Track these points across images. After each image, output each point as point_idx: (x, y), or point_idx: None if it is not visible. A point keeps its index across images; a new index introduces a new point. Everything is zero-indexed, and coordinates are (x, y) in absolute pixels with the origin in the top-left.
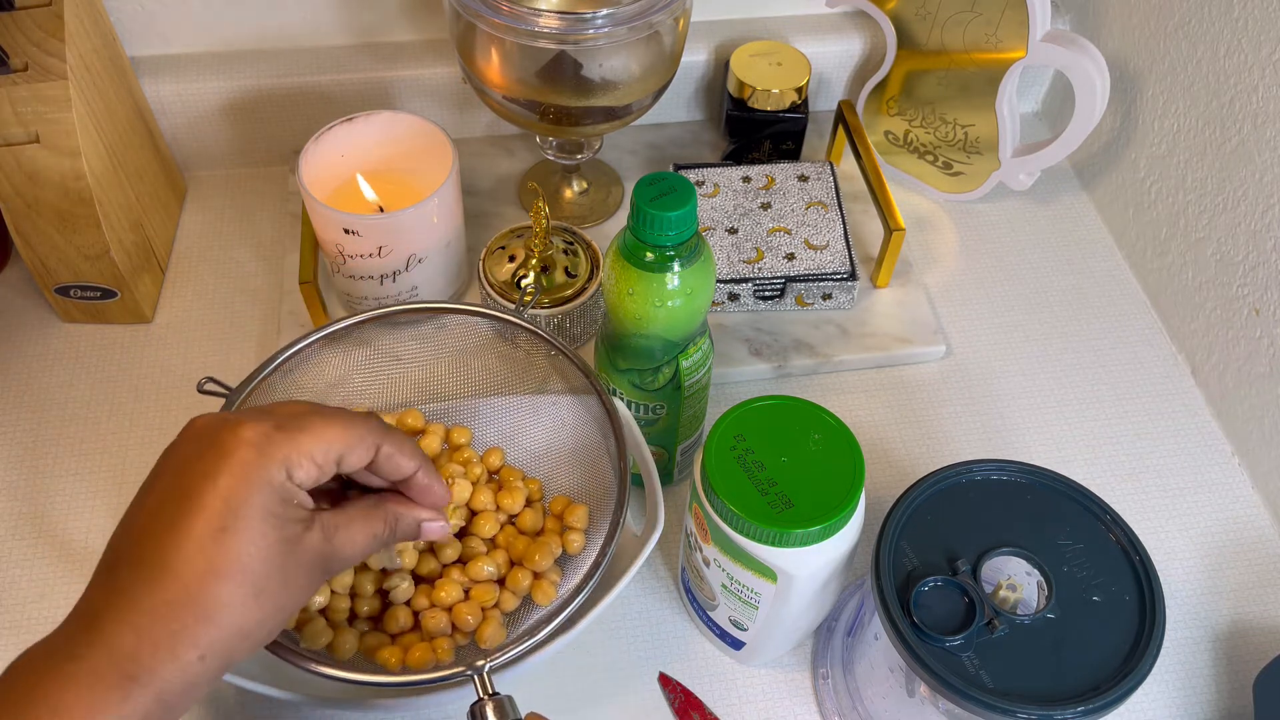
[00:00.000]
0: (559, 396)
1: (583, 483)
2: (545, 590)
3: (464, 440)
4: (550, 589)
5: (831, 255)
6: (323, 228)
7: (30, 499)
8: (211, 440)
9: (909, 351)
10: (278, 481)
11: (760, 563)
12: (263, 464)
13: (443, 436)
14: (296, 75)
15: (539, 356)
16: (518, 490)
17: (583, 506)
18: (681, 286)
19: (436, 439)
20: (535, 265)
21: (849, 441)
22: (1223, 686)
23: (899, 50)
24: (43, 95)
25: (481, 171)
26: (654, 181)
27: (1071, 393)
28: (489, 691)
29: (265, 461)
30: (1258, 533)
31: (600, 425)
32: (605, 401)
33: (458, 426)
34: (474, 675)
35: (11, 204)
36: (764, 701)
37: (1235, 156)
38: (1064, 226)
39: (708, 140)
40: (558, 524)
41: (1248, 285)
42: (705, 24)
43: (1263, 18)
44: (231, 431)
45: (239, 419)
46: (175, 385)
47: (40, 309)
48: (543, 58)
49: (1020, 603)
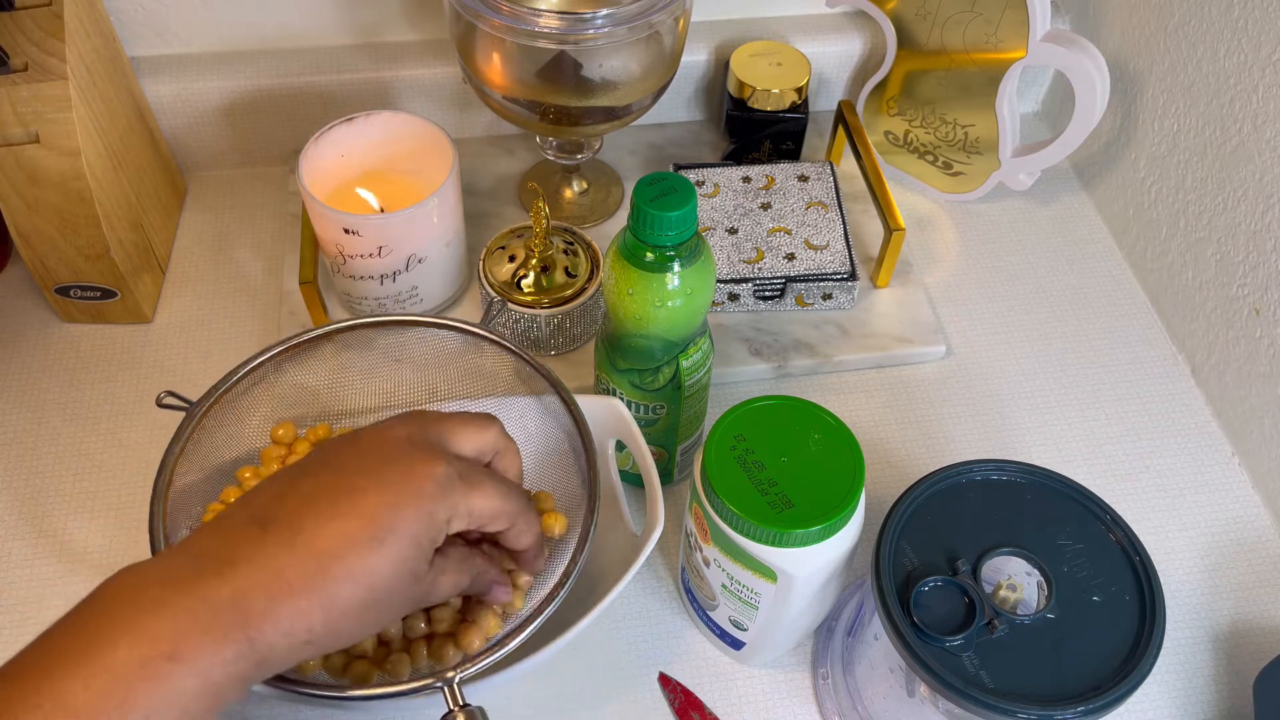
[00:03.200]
0: (527, 404)
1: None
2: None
3: None
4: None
5: (831, 255)
6: (323, 228)
7: (30, 499)
8: (409, 456)
9: (909, 351)
10: (439, 522)
11: (760, 563)
12: (436, 505)
13: None
14: (296, 75)
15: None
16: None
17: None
18: (681, 286)
19: None
20: (535, 265)
21: (849, 441)
22: (1223, 686)
23: (899, 50)
24: (43, 95)
25: (481, 171)
26: (654, 181)
27: (1071, 393)
28: (459, 703)
29: (439, 504)
30: (1258, 533)
31: (569, 435)
32: (574, 412)
33: None
34: (443, 687)
35: (11, 204)
36: (764, 701)
37: (1235, 156)
38: (1064, 226)
39: (708, 140)
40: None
41: (1248, 285)
42: (705, 24)
43: (1263, 18)
44: (428, 461)
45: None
46: (175, 385)
47: (40, 309)
48: (543, 58)
49: (1020, 603)
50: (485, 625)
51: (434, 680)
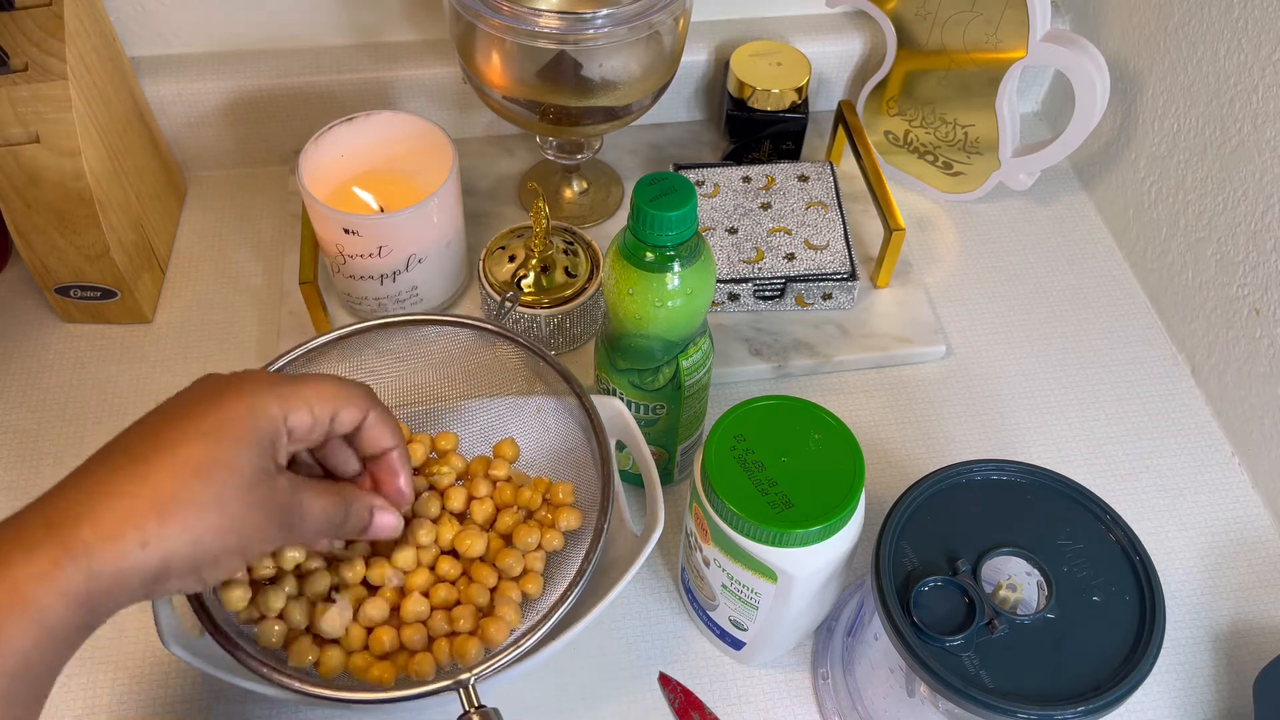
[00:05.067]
0: (543, 402)
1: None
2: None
3: (449, 446)
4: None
5: (831, 255)
6: (323, 228)
7: (30, 499)
8: (225, 378)
9: (909, 351)
10: (274, 416)
11: (760, 563)
12: (266, 399)
13: (429, 446)
14: (296, 75)
15: (520, 364)
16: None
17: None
18: (681, 286)
19: (422, 448)
20: (535, 265)
21: (849, 441)
22: (1223, 686)
23: (899, 50)
24: (43, 95)
25: (481, 171)
26: (654, 181)
27: (1071, 393)
28: (475, 704)
29: (269, 397)
30: (1258, 533)
31: (584, 430)
32: (587, 405)
33: (443, 433)
34: (459, 689)
35: (11, 204)
36: (764, 701)
37: (1235, 156)
38: (1064, 226)
39: (708, 140)
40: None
41: (1248, 285)
42: (705, 24)
43: (1263, 18)
44: (246, 373)
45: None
46: (175, 385)
47: (40, 309)
48: (543, 58)
49: (1020, 603)
50: (507, 617)
51: (450, 682)
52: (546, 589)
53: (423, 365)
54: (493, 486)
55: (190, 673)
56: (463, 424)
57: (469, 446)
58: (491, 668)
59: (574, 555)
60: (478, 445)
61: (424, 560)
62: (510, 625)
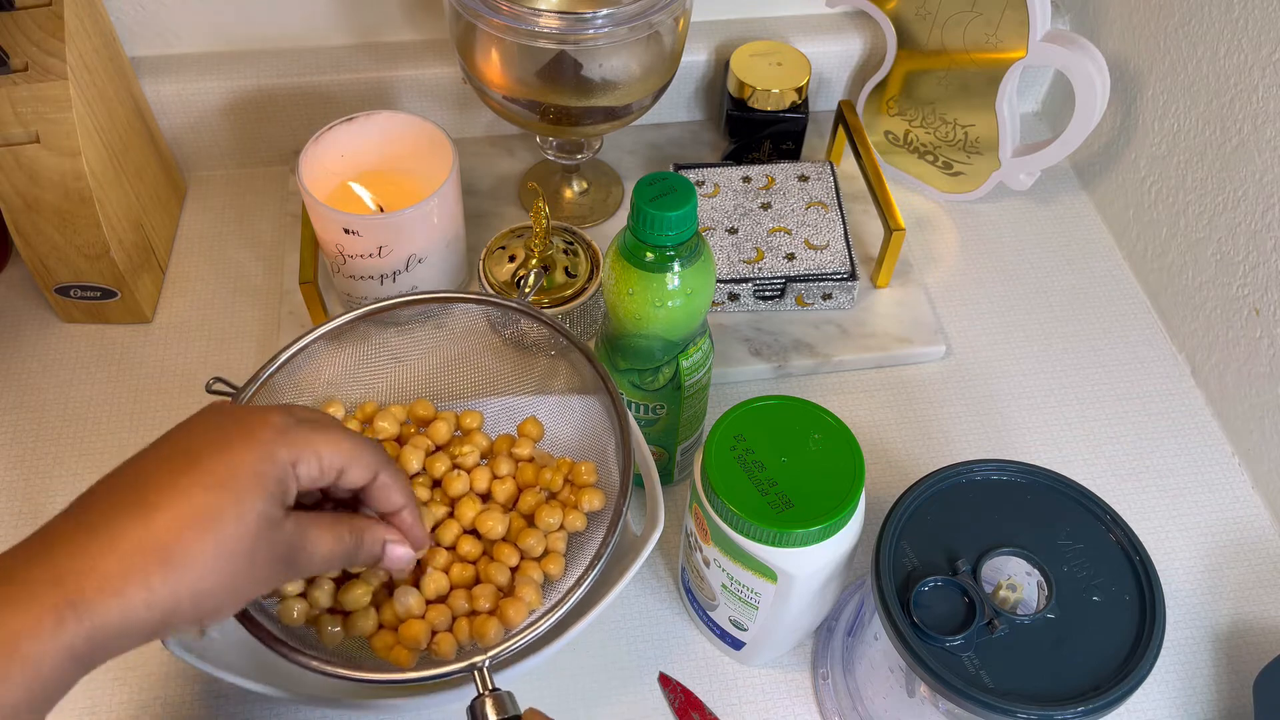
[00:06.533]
0: (566, 390)
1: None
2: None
3: (475, 425)
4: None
5: (831, 255)
6: (323, 228)
7: (30, 499)
8: (235, 418)
9: (909, 351)
10: (282, 463)
11: (760, 563)
12: (276, 446)
13: (453, 424)
14: (296, 75)
15: (542, 351)
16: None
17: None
18: (681, 286)
19: (446, 426)
20: (535, 265)
21: (849, 441)
22: (1223, 686)
23: (899, 50)
24: (43, 95)
25: (481, 171)
26: (654, 181)
27: (1071, 393)
28: (489, 687)
29: (279, 444)
30: (1258, 533)
31: (608, 416)
32: (611, 390)
33: (468, 411)
34: (474, 671)
35: (11, 204)
36: (764, 701)
37: (1235, 156)
38: (1064, 226)
39: (708, 140)
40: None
41: (1248, 285)
42: (705, 24)
43: (1263, 18)
44: (257, 414)
45: (263, 407)
46: (175, 385)
47: (40, 309)
48: (543, 58)
49: (1020, 603)
50: (527, 598)
51: (465, 665)
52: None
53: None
54: (515, 466)
55: (190, 673)
56: (485, 404)
57: (492, 425)
58: (510, 649)
59: (591, 540)
60: (501, 423)
61: (444, 540)
62: (530, 606)
